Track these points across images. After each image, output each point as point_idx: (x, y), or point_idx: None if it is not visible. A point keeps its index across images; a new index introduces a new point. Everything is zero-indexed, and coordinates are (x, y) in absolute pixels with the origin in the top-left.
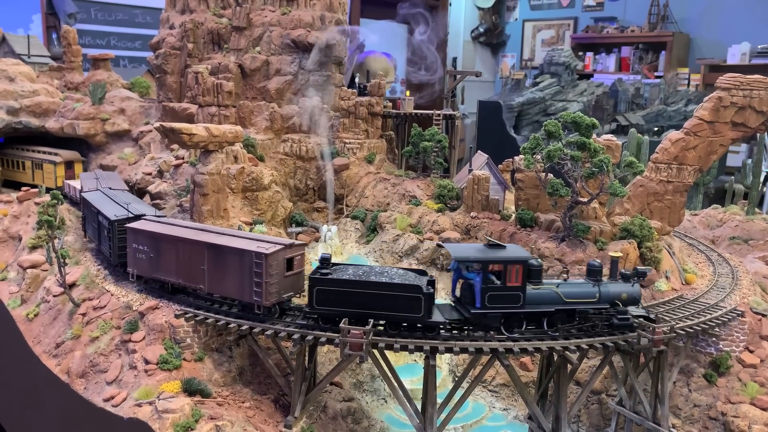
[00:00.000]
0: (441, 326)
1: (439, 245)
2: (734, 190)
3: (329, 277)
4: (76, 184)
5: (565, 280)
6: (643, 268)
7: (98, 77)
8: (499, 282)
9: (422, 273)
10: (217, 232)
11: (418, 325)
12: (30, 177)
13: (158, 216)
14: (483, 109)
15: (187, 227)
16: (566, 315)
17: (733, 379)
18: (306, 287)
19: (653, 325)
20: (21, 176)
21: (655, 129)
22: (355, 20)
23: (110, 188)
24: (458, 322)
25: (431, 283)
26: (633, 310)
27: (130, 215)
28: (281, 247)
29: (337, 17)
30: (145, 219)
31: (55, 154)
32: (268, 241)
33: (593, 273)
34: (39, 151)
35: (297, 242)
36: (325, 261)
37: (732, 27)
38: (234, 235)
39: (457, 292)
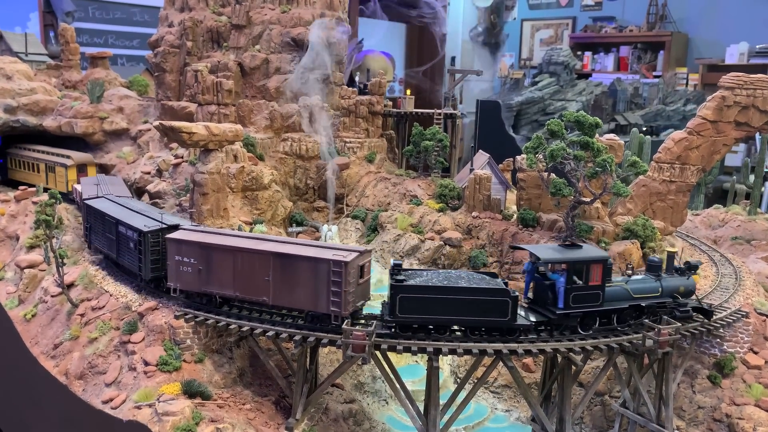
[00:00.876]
0: (523, 329)
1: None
2: (735, 190)
3: (414, 283)
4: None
5: (629, 276)
6: (695, 260)
7: (96, 75)
8: (581, 282)
9: (494, 276)
10: (278, 241)
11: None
12: (44, 180)
13: (195, 225)
14: (482, 108)
15: (239, 236)
16: (635, 311)
17: (738, 381)
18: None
19: (658, 326)
20: (35, 178)
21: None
22: (354, 19)
23: (115, 194)
24: (541, 324)
25: (506, 285)
26: (689, 302)
27: (164, 225)
28: (357, 254)
29: (338, 15)
30: (184, 229)
31: (67, 157)
32: (335, 248)
33: (653, 268)
34: (52, 153)
35: (367, 248)
36: (397, 267)
37: (730, 27)
38: (298, 243)
39: (530, 294)
